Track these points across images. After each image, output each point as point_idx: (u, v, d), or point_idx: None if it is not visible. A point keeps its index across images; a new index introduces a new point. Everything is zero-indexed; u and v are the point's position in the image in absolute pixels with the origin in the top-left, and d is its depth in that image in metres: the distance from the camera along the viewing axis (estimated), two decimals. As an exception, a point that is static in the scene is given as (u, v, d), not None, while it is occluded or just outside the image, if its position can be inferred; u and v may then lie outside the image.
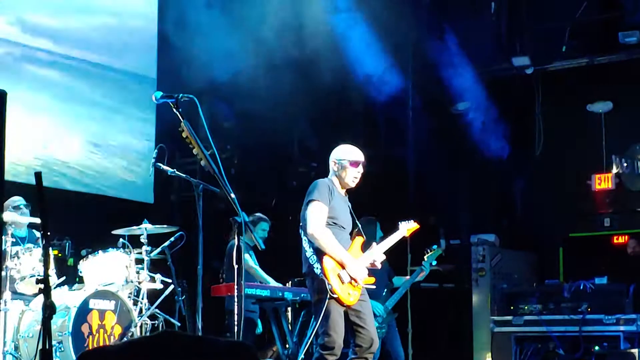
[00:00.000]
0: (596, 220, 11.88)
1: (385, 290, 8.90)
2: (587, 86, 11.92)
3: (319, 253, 6.27)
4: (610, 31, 11.48)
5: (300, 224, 6.42)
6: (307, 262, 6.37)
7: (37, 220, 7.14)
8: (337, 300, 6.23)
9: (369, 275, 6.50)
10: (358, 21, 11.01)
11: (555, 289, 9.37)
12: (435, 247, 8.97)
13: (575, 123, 12.09)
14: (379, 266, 6.64)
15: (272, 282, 8.63)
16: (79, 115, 9.89)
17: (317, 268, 6.27)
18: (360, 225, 6.64)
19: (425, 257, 8.89)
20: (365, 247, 6.66)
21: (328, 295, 6.17)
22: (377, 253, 6.60)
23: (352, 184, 6.55)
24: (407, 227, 7.10)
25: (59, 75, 9.76)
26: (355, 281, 6.31)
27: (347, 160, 6.46)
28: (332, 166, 6.55)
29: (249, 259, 8.70)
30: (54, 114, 9.67)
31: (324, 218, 6.32)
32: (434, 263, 8.99)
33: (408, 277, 9.05)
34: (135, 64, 10.47)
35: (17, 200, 7.82)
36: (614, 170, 11.57)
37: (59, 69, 9.76)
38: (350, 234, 6.60)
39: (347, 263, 6.30)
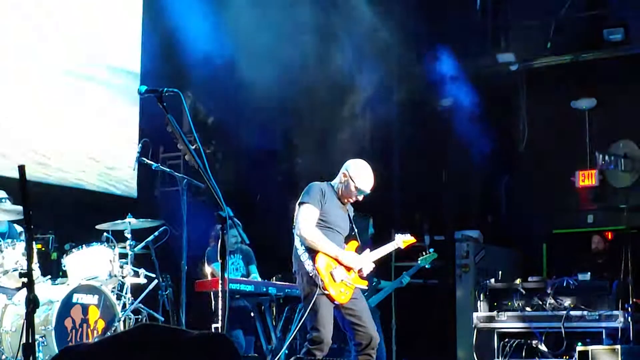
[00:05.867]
0: (579, 217, 11.96)
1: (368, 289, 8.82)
2: (571, 83, 11.97)
3: (311, 252, 6.30)
4: (595, 28, 11.53)
5: (293, 224, 6.44)
6: (297, 260, 6.38)
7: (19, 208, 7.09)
8: (329, 296, 6.25)
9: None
10: (344, 18, 11.00)
11: (538, 285, 9.39)
12: (432, 250, 8.84)
13: (559, 120, 12.14)
14: (365, 274, 6.58)
15: None
16: (63, 110, 9.82)
17: (308, 265, 6.28)
18: (356, 230, 6.65)
19: (418, 260, 8.81)
20: (360, 250, 6.64)
21: (318, 291, 6.19)
22: (367, 261, 6.56)
23: (346, 202, 6.59)
24: (403, 239, 7.04)
25: (41, 70, 9.69)
26: (355, 272, 6.36)
27: (354, 185, 6.46)
28: (341, 175, 6.55)
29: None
30: (38, 108, 9.60)
31: (313, 219, 6.34)
32: (428, 266, 8.96)
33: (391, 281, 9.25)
34: (118, 58, 10.42)
35: None
36: (598, 166, 11.63)
37: (40, 64, 9.69)
38: (346, 239, 6.60)
39: (340, 256, 6.33)
